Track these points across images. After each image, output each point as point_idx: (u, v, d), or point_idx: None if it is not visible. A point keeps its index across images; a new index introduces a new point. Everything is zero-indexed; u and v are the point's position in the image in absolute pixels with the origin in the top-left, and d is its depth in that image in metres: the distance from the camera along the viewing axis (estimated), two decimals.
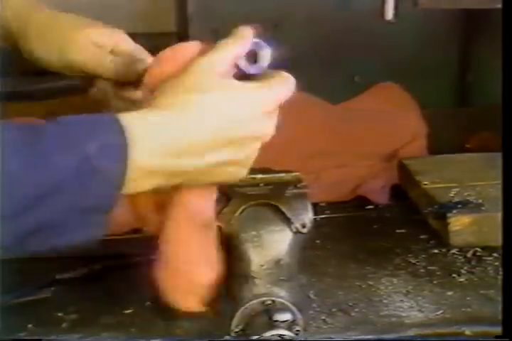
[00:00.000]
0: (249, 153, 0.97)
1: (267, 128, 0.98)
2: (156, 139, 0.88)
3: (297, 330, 1.08)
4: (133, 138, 0.85)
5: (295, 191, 1.15)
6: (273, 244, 1.11)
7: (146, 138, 0.87)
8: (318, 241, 1.45)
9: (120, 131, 0.85)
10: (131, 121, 0.87)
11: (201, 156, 0.92)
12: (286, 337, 1.05)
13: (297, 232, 1.12)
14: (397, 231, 1.51)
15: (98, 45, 1.31)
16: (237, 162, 0.96)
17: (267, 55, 1.01)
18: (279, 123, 1.00)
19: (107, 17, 2.36)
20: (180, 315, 1.14)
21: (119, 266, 1.35)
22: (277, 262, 1.11)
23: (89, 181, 0.82)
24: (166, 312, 1.23)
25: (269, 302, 1.09)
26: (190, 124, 0.90)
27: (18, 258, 1.02)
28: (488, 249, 1.41)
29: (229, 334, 1.09)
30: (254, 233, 1.11)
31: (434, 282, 1.33)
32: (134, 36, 1.31)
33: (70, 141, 0.82)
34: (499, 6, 1.33)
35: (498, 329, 1.12)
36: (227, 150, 0.93)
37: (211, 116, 0.91)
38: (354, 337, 1.19)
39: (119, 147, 0.84)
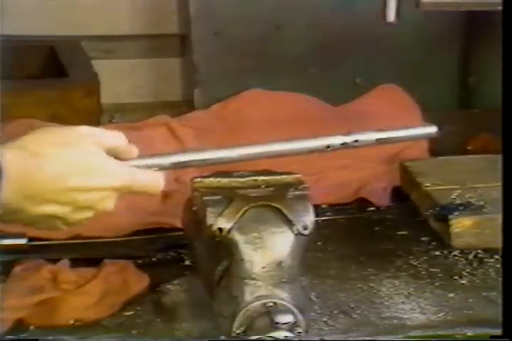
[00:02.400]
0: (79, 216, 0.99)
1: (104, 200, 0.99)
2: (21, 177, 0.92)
3: (299, 332, 1.08)
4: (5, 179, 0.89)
5: (296, 193, 1.15)
6: (274, 246, 1.11)
7: (14, 174, 0.91)
8: (319, 243, 1.44)
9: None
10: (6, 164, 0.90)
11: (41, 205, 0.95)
12: (288, 339, 1.05)
13: (298, 234, 1.12)
14: (399, 233, 1.51)
15: None
16: (62, 217, 0.99)
17: None
18: (280, 124, 1.00)
19: (109, 18, 2.37)
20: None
21: None
22: (279, 264, 1.11)
23: None
24: (166, 313, 1.24)
25: (270, 304, 1.09)
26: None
27: None
28: (489, 251, 1.41)
29: (230, 336, 1.10)
30: (255, 235, 1.11)
31: (436, 284, 1.33)
32: (136, 37, 1.31)
33: None
34: (500, 8, 1.33)
35: (499, 331, 1.12)
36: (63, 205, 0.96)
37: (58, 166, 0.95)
38: (355, 339, 1.19)
39: None
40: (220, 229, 1.11)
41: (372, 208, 1.60)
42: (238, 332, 1.09)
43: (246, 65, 2.12)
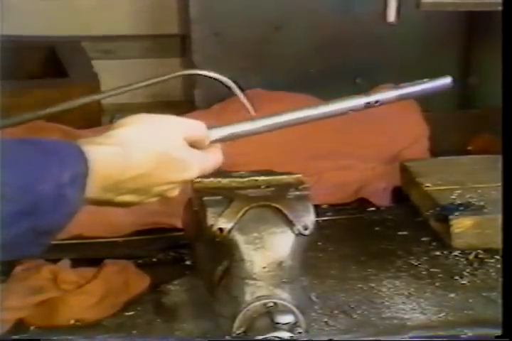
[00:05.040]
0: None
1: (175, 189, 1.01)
2: (107, 176, 0.93)
3: (299, 332, 1.08)
4: (92, 172, 0.90)
5: (297, 193, 1.15)
6: (275, 246, 1.11)
7: (101, 173, 0.91)
8: (320, 243, 1.44)
9: (86, 163, 0.90)
10: (93, 154, 0.91)
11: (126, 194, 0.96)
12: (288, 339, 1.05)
13: (299, 234, 1.12)
14: (399, 233, 1.51)
15: None
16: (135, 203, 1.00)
17: None
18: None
19: (110, 19, 2.37)
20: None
21: None
22: (279, 264, 1.11)
23: (57, 207, 0.87)
24: (166, 313, 1.24)
25: (271, 304, 1.09)
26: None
27: None
28: (490, 251, 1.41)
29: (230, 336, 1.10)
30: (256, 235, 1.11)
31: (436, 284, 1.33)
32: (136, 38, 1.31)
33: (50, 167, 0.86)
34: (500, 8, 1.33)
35: (499, 331, 1.12)
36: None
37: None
38: (356, 339, 1.19)
39: (84, 178, 0.89)
40: (221, 230, 1.11)
41: (372, 208, 1.60)
42: (239, 332, 1.09)
43: (246, 65, 2.12)
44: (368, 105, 1.10)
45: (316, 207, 1.18)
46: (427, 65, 2.18)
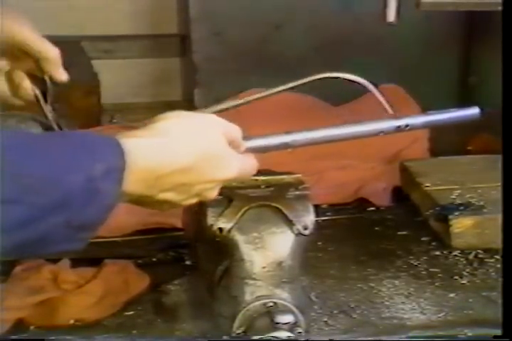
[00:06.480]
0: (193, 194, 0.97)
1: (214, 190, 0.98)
2: (148, 169, 0.90)
3: (299, 332, 1.08)
4: (130, 164, 0.87)
5: (297, 193, 1.15)
6: (275, 246, 1.11)
7: (141, 166, 0.89)
8: (319, 243, 1.45)
9: (122, 156, 0.87)
10: (131, 146, 0.88)
11: (167, 191, 0.94)
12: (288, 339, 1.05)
13: (299, 234, 1.12)
14: (399, 233, 1.51)
15: None
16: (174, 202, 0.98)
17: None
18: (280, 124, 1.00)
19: (110, 18, 2.37)
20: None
21: None
22: (279, 264, 1.11)
23: (90, 201, 0.84)
24: (166, 313, 1.24)
25: (271, 304, 1.09)
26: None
27: None
28: (490, 251, 1.41)
29: (230, 336, 1.10)
30: (255, 235, 1.12)
31: (436, 284, 1.33)
32: (136, 37, 1.31)
33: (80, 159, 0.84)
34: (500, 8, 1.33)
35: (499, 331, 1.12)
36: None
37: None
38: (356, 339, 1.19)
39: (120, 172, 0.86)
40: (221, 229, 1.11)
41: (372, 208, 1.60)
42: (238, 332, 1.09)
43: (246, 65, 2.12)
44: (398, 129, 1.13)
45: (316, 207, 1.19)
46: (427, 64, 2.19)
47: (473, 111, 1.17)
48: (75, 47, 2.20)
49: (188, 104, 2.19)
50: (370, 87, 1.39)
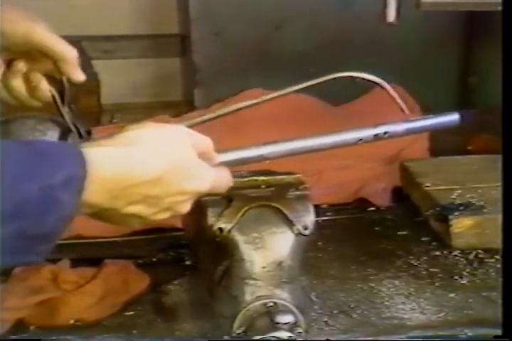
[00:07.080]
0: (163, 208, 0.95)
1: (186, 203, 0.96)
2: (113, 178, 0.88)
3: (299, 332, 1.08)
4: (92, 174, 0.85)
5: (297, 193, 1.15)
6: (275, 246, 1.11)
7: (105, 175, 0.87)
8: (319, 243, 1.45)
9: (84, 165, 0.85)
10: (95, 155, 0.87)
11: (130, 204, 0.91)
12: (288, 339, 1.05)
13: (299, 234, 1.12)
14: (399, 233, 1.51)
15: None
16: (144, 217, 0.95)
17: None
18: (280, 124, 1.00)
19: (110, 19, 2.38)
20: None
21: None
22: (279, 264, 1.11)
23: (47, 210, 0.82)
24: (166, 313, 1.24)
25: (271, 304, 1.09)
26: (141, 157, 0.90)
27: None
28: (490, 251, 1.41)
29: (230, 336, 1.10)
30: (255, 235, 1.12)
31: (436, 284, 1.33)
32: (136, 38, 1.31)
33: (37, 168, 0.82)
34: (500, 8, 1.33)
35: (499, 331, 1.12)
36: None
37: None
38: (355, 339, 1.19)
39: (81, 181, 0.84)
40: (221, 229, 1.11)
41: (372, 208, 1.60)
42: (238, 332, 1.09)
43: (246, 65, 2.12)
44: (376, 137, 1.12)
45: (316, 207, 1.18)
46: (427, 64, 2.19)
47: (453, 117, 1.15)
48: (75, 47, 2.19)
49: (188, 104, 2.19)
50: (386, 86, 1.38)
